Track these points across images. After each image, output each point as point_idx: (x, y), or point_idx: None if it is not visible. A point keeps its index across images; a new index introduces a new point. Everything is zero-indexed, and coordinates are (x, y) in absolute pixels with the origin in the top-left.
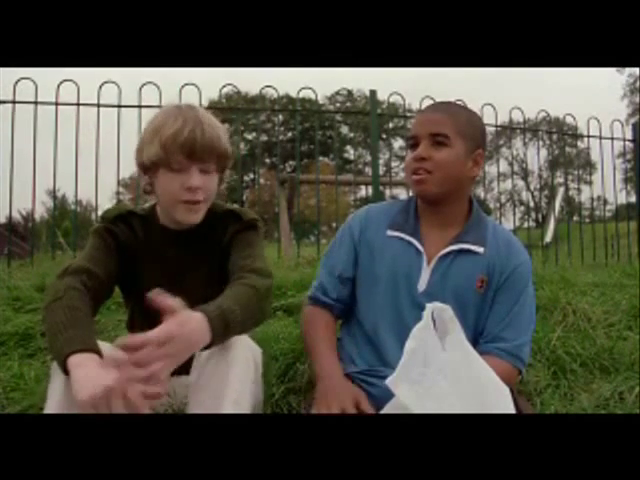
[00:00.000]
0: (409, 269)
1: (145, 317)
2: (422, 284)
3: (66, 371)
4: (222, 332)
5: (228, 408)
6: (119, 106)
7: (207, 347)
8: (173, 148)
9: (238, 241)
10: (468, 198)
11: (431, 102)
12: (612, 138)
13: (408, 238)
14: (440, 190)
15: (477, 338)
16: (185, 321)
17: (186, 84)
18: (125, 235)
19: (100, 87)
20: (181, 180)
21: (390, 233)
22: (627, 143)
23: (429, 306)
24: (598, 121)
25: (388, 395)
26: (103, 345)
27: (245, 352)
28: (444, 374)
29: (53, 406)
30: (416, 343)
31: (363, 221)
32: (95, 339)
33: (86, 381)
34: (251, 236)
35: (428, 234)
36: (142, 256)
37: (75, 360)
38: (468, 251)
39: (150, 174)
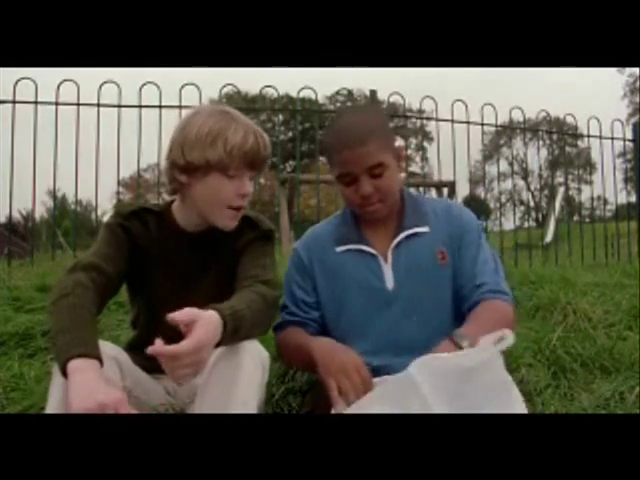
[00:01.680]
0: (370, 274)
1: (150, 316)
2: (389, 282)
3: (65, 374)
4: (232, 332)
5: (237, 409)
6: (119, 106)
7: (215, 346)
8: (238, 156)
9: (251, 250)
10: None
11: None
12: (612, 138)
13: (357, 247)
14: (390, 207)
15: (459, 304)
16: (208, 324)
17: (186, 84)
18: (138, 232)
19: (100, 87)
20: (235, 186)
21: (339, 249)
22: (627, 143)
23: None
24: (598, 121)
25: None
26: (105, 345)
27: (253, 355)
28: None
29: (54, 406)
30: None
31: (310, 246)
32: (97, 342)
33: (81, 391)
34: (265, 246)
35: (373, 235)
36: (154, 255)
37: (74, 365)
38: (415, 234)
39: (194, 175)
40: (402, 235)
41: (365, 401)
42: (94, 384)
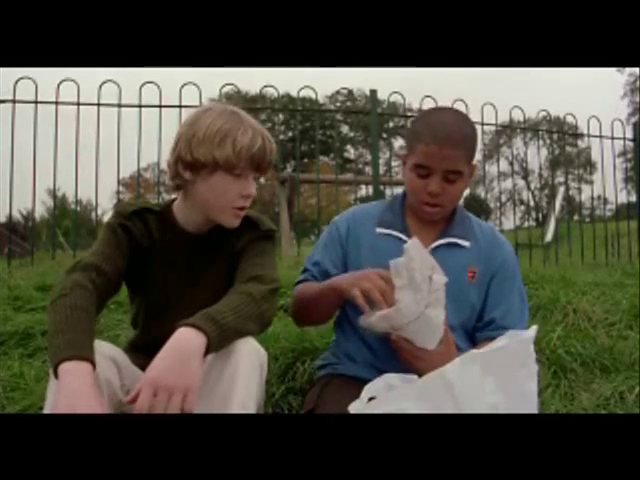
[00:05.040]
0: None
1: (151, 316)
2: None
3: (57, 375)
4: (214, 329)
5: (235, 410)
6: (119, 106)
7: (209, 348)
8: (246, 157)
9: (250, 249)
10: None
11: (436, 107)
12: (612, 137)
13: (397, 234)
14: (447, 213)
15: (474, 327)
16: (150, 369)
17: (186, 84)
18: (139, 233)
19: (100, 87)
20: (239, 187)
21: (379, 231)
22: (627, 142)
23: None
24: (598, 120)
25: None
26: (104, 345)
27: (251, 355)
28: None
29: (51, 410)
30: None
31: (350, 221)
32: (91, 344)
33: (68, 397)
34: (263, 246)
35: (416, 230)
36: (154, 255)
37: (65, 368)
38: (455, 245)
39: (199, 173)
40: (444, 240)
41: (397, 397)
42: (79, 390)
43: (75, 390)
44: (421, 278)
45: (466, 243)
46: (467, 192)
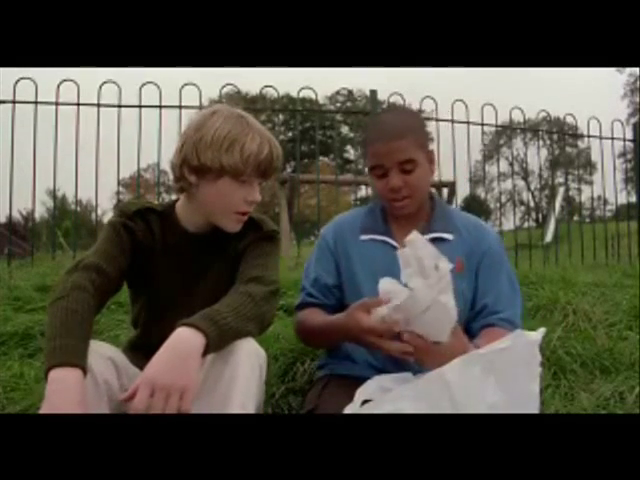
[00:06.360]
0: (388, 266)
1: (152, 316)
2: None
3: (47, 380)
4: (214, 329)
5: (234, 411)
6: (119, 106)
7: (208, 348)
8: (253, 164)
9: (251, 250)
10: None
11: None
12: (612, 138)
13: (381, 238)
14: (418, 204)
15: (469, 317)
16: (152, 362)
17: (186, 84)
18: (142, 232)
19: (100, 87)
20: (244, 192)
21: (363, 237)
22: (627, 143)
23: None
24: (598, 121)
25: None
26: (102, 345)
27: (250, 356)
28: None
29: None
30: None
31: (337, 231)
32: (85, 349)
33: (50, 407)
34: (265, 246)
35: (399, 230)
36: (157, 255)
37: (54, 375)
38: (440, 239)
39: (205, 177)
40: (427, 236)
41: (394, 397)
42: (64, 401)
43: (59, 400)
44: (429, 265)
45: (449, 236)
46: (467, 192)
